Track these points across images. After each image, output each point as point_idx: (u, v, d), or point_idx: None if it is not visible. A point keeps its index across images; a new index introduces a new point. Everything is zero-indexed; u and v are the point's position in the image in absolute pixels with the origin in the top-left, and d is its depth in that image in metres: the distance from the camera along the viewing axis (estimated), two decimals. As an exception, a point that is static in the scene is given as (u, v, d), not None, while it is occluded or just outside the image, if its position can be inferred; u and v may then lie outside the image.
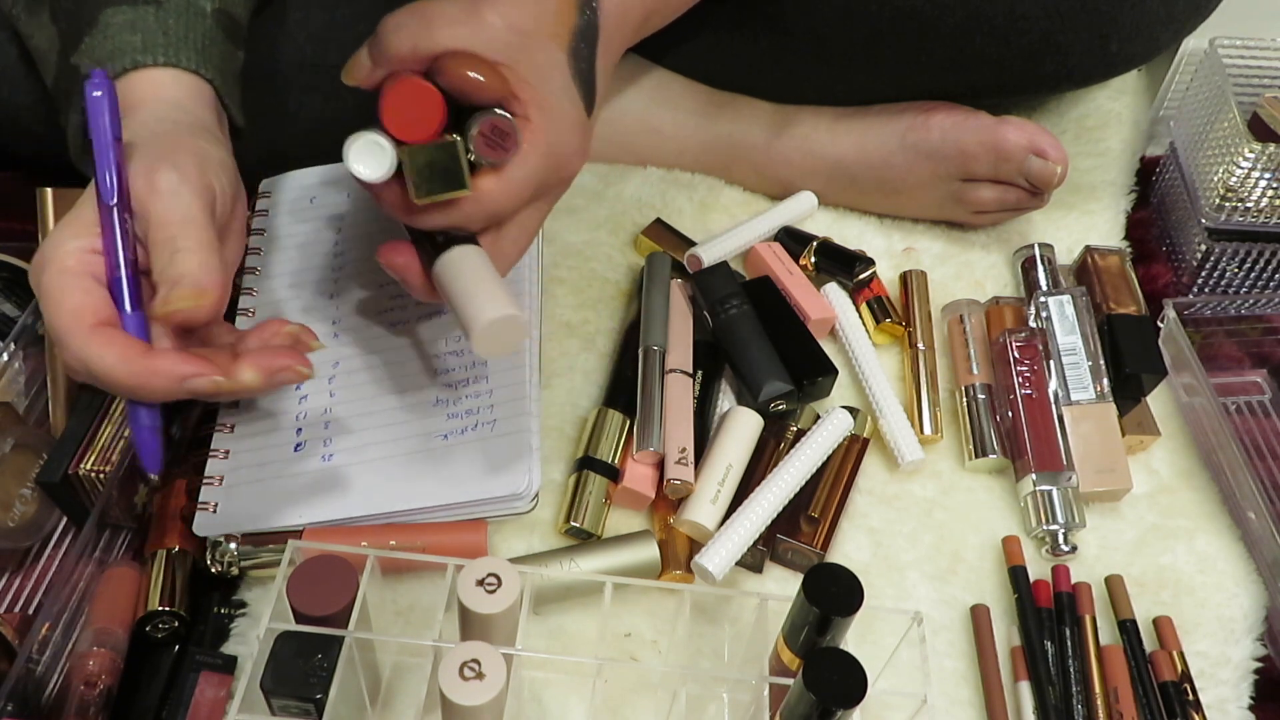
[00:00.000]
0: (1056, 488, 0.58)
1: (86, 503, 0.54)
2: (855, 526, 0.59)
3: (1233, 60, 0.72)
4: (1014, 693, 0.53)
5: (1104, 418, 0.61)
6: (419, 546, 0.53)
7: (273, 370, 0.46)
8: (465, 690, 0.39)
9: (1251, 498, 0.58)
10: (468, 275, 0.48)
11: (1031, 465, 0.59)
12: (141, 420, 0.45)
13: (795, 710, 0.40)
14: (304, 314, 0.62)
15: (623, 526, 0.57)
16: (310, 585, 0.44)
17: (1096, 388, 0.62)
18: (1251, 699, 0.54)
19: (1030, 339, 0.63)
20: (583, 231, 0.71)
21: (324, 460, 0.56)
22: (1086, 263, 0.69)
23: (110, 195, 0.44)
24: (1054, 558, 0.58)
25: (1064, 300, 0.65)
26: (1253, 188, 0.69)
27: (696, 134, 0.73)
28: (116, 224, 0.44)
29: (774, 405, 0.60)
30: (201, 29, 0.52)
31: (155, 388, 0.43)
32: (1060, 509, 0.58)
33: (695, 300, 0.65)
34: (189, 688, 0.50)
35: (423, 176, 0.46)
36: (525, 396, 0.58)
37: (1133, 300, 0.68)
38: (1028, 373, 0.62)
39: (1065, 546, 0.57)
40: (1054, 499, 0.58)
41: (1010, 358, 0.62)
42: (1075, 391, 0.62)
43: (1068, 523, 0.57)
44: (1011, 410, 0.61)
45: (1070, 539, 0.57)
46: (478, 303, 0.46)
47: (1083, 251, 0.70)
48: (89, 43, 0.51)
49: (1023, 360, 0.62)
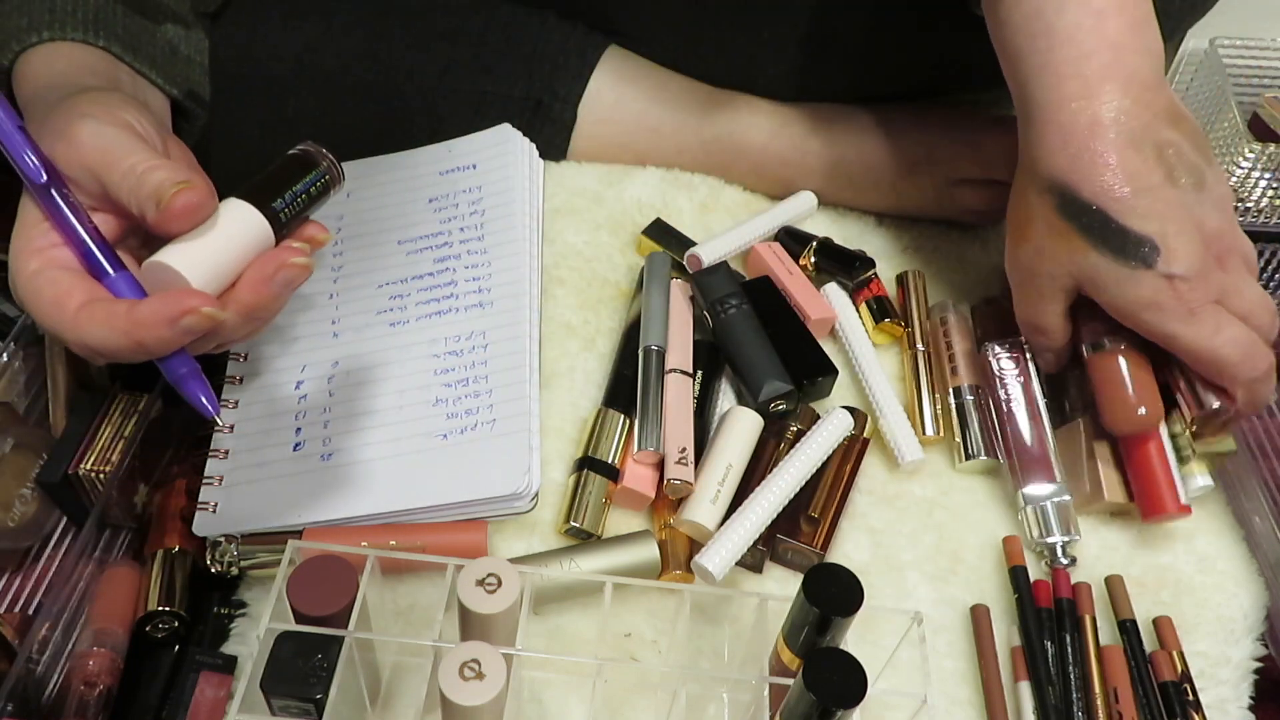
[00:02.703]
0: (1050, 502, 0.58)
1: (86, 503, 0.54)
2: (855, 526, 0.59)
3: (1233, 60, 0.72)
4: (1014, 693, 0.53)
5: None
6: (419, 546, 0.53)
7: (267, 278, 0.43)
8: (465, 690, 0.39)
9: (1256, 498, 0.58)
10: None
11: (1020, 479, 0.59)
12: (175, 370, 0.43)
13: (795, 710, 0.40)
14: (304, 314, 0.62)
15: (623, 526, 0.57)
16: (310, 585, 0.44)
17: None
18: (1251, 699, 0.54)
19: (1014, 349, 0.62)
20: (583, 232, 0.71)
21: (323, 460, 0.56)
22: None
23: (38, 175, 0.43)
24: (1050, 567, 0.57)
25: None
26: (1253, 188, 0.69)
27: (696, 134, 0.73)
28: (59, 200, 0.43)
29: (774, 405, 0.60)
30: (93, 2, 0.52)
31: (152, 339, 0.41)
32: (1056, 522, 0.57)
33: (695, 300, 0.65)
34: (189, 688, 0.50)
35: None
36: (525, 396, 0.58)
37: None
38: (1013, 383, 0.61)
39: (1064, 560, 0.57)
40: (1049, 512, 0.58)
41: (994, 370, 0.62)
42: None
43: (1065, 536, 0.57)
44: (998, 419, 0.61)
45: (1070, 551, 0.57)
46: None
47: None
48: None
49: (1007, 371, 0.62)
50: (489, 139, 0.70)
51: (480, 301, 0.62)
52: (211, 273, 0.43)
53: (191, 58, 0.58)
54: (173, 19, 0.57)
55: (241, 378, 0.60)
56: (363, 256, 0.65)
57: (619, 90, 0.71)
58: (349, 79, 0.68)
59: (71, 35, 0.51)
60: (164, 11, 0.57)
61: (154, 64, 0.54)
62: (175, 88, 0.56)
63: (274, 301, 0.44)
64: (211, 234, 0.43)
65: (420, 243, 0.66)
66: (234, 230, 0.44)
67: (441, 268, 0.64)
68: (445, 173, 0.69)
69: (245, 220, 0.44)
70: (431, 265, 0.64)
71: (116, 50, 0.52)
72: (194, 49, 0.58)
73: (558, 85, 0.70)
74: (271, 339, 0.61)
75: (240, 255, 0.44)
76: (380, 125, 0.70)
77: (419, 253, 0.65)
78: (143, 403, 0.56)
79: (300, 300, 0.63)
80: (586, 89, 0.71)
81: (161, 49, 0.55)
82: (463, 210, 0.67)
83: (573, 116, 0.71)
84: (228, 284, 0.44)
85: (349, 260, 0.65)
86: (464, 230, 0.66)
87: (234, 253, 0.43)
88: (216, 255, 0.43)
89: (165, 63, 0.55)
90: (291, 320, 0.62)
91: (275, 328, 0.61)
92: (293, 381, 0.60)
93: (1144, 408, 0.55)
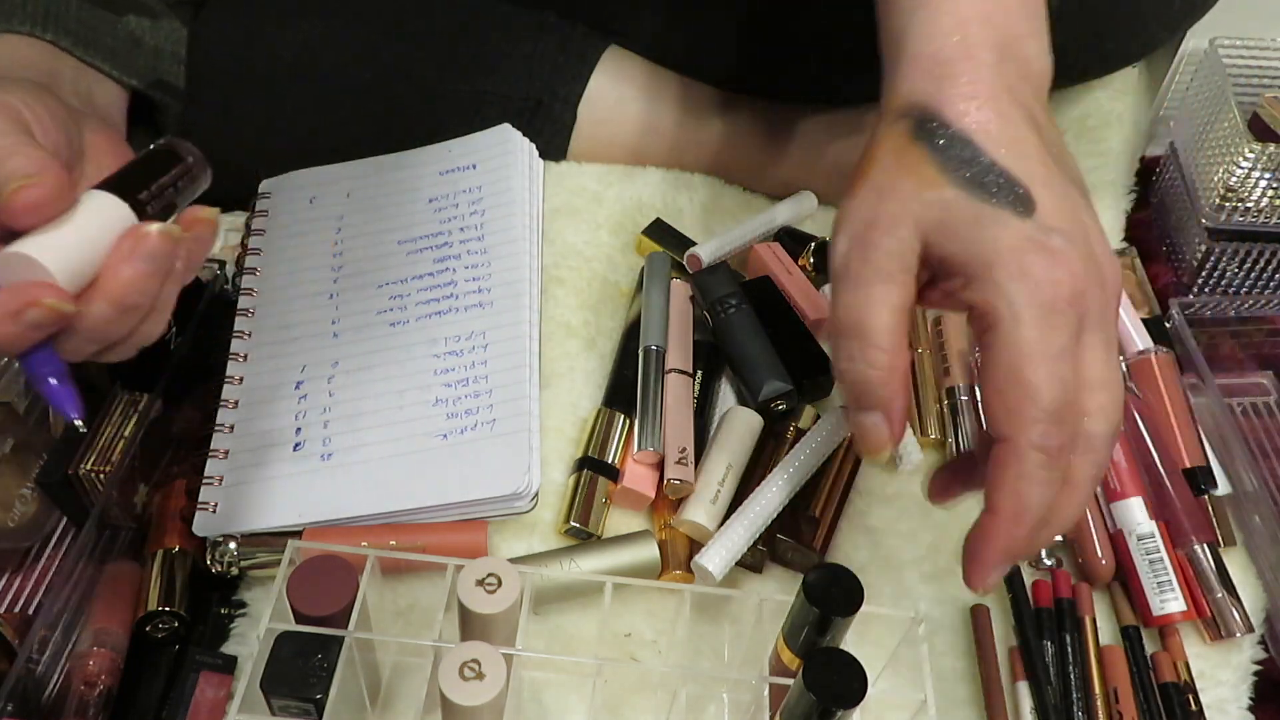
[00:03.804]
0: None
1: (86, 503, 0.54)
2: (854, 526, 0.59)
3: (1233, 60, 0.72)
4: (1013, 693, 0.53)
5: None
6: (419, 546, 0.53)
7: (125, 256, 0.39)
8: (465, 690, 0.39)
9: (1256, 499, 0.58)
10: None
11: None
12: (34, 369, 0.40)
13: (795, 710, 0.40)
14: (304, 314, 0.62)
15: (623, 526, 0.57)
16: (310, 585, 0.44)
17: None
18: (1251, 699, 0.54)
19: None
20: (583, 232, 0.70)
21: (323, 460, 0.56)
22: None
23: None
24: (1035, 571, 0.57)
25: None
26: (1253, 188, 0.69)
27: (696, 134, 0.73)
28: None
29: (774, 405, 0.60)
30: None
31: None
32: None
33: (695, 300, 0.65)
34: (189, 688, 0.50)
35: None
36: (525, 396, 0.58)
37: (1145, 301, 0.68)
38: None
39: (1048, 561, 0.57)
40: None
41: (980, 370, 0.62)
42: None
43: None
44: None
45: (1054, 553, 0.57)
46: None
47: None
48: None
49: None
50: (489, 139, 0.70)
51: (480, 301, 0.62)
52: (74, 264, 0.39)
53: (161, 48, 0.58)
54: (137, 10, 0.57)
55: (242, 378, 0.60)
56: (363, 256, 0.65)
57: (619, 90, 0.71)
58: (348, 78, 0.68)
59: (19, 29, 0.51)
60: (128, 3, 0.57)
61: (110, 55, 0.54)
62: (136, 78, 0.56)
63: (143, 283, 0.40)
64: (73, 224, 0.39)
65: (420, 243, 0.66)
66: (99, 221, 0.40)
67: (441, 268, 0.64)
68: (445, 173, 0.69)
69: (109, 211, 0.40)
70: (431, 265, 0.64)
71: (66, 43, 0.52)
72: (164, 39, 0.58)
73: (557, 85, 0.70)
74: (271, 339, 0.61)
75: (106, 247, 0.40)
76: (380, 125, 0.70)
77: (419, 253, 0.65)
78: (143, 403, 0.56)
79: (300, 300, 0.63)
80: (586, 89, 0.71)
81: (122, 40, 0.55)
82: (463, 210, 0.67)
83: (572, 117, 0.71)
84: (94, 276, 0.40)
85: (349, 260, 0.65)
86: (464, 230, 0.66)
87: (99, 244, 0.40)
88: (80, 246, 0.39)
89: (125, 54, 0.55)
90: (291, 320, 0.62)
91: (275, 328, 0.61)
92: (293, 381, 0.60)
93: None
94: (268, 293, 0.64)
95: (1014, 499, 0.39)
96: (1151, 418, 0.60)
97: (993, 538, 0.40)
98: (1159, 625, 0.55)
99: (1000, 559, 0.40)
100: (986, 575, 0.41)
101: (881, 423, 0.42)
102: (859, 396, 0.42)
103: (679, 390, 0.60)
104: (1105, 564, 0.56)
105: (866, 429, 0.42)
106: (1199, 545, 0.56)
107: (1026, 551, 0.42)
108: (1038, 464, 0.39)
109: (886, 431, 0.42)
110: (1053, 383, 0.38)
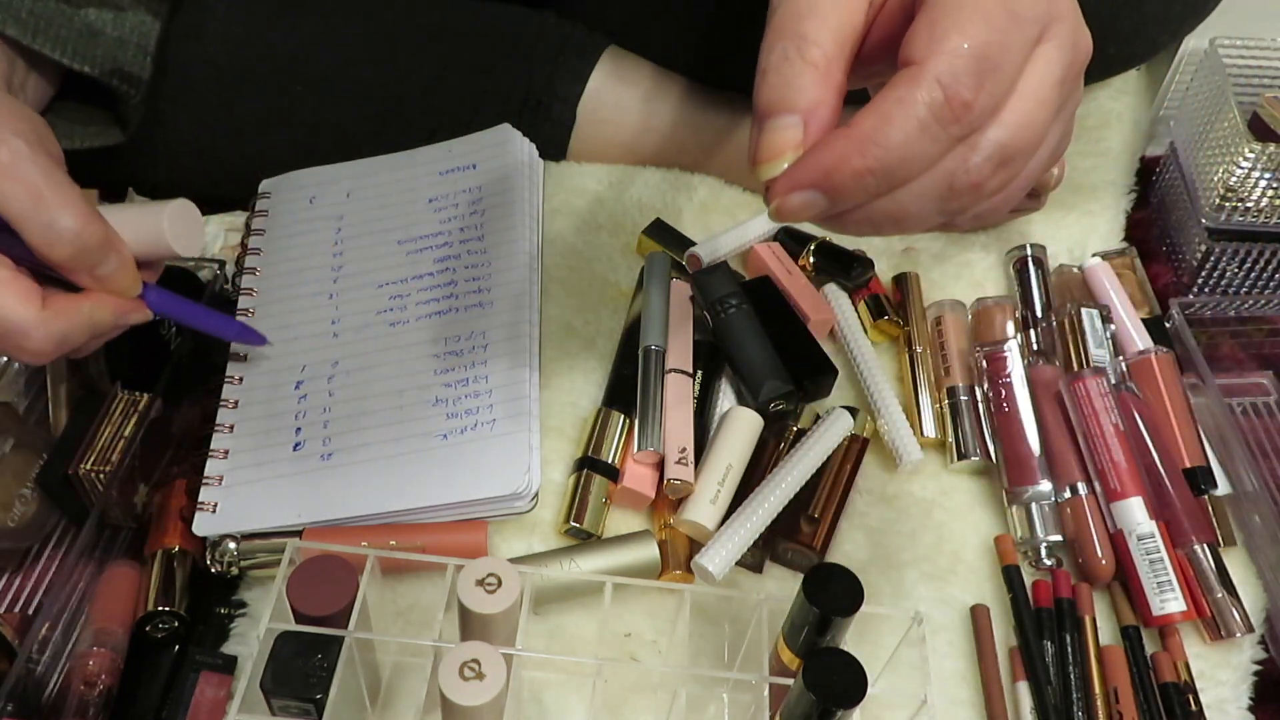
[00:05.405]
0: (1036, 503, 0.58)
1: (86, 503, 0.54)
2: (854, 526, 0.59)
3: (1233, 60, 0.72)
4: (1013, 693, 0.53)
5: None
6: (419, 546, 0.53)
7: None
8: (465, 690, 0.39)
9: (1256, 499, 0.58)
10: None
11: (1007, 480, 0.59)
12: (156, 305, 0.49)
13: (795, 710, 0.40)
14: (304, 314, 0.62)
15: (623, 526, 0.57)
16: (310, 585, 0.44)
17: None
18: (1251, 700, 0.54)
19: (996, 351, 0.62)
20: (583, 232, 0.70)
21: (323, 460, 0.56)
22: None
23: None
24: (1035, 571, 0.57)
25: (1094, 314, 0.65)
26: (1253, 188, 0.69)
27: (697, 134, 0.73)
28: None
29: (774, 405, 0.60)
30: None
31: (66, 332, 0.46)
32: (1041, 524, 0.57)
33: (695, 300, 0.65)
34: (189, 688, 0.50)
35: None
36: (525, 397, 0.58)
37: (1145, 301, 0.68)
38: (999, 385, 0.62)
39: (1048, 561, 0.57)
40: (1032, 513, 0.58)
41: (983, 371, 0.62)
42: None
43: (1049, 537, 0.57)
44: (988, 419, 0.61)
45: (1054, 553, 0.57)
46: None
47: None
48: None
49: (991, 373, 0.62)
50: (489, 139, 0.70)
51: (480, 301, 0.62)
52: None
53: (124, 39, 0.59)
54: (99, 4, 0.58)
55: (241, 378, 0.60)
56: (363, 256, 0.65)
57: (619, 90, 0.71)
58: (347, 78, 0.68)
59: None
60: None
61: (60, 44, 0.56)
62: (91, 66, 0.57)
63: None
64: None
65: (420, 243, 0.66)
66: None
67: (441, 268, 0.64)
68: (445, 173, 0.69)
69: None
70: (431, 265, 0.64)
71: (12, 32, 0.54)
72: (129, 30, 0.60)
73: (558, 85, 0.70)
74: (271, 339, 0.61)
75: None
76: (379, 125, 0.70)
77: (419, 253, 0.65)
78: (143, 403, 0.56)
79: (300, 300, 0.63)
80: (586, 89, 0.71)
81: (77, 30, 0.57)
82: (463, 210, 0.67)
83: (572, 116, 0.71)
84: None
85: (349, 260, 0.65)
86: (464, 230, 0.66)
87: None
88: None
89: (79, 43, 0.57)
90: (291, 320, 0.62)
91: (275, 328, 0.61)
92: (293, 381, 0.60)
93: None
94: (268, 293, 0.64)
95: (877, 120, 0.34)
96: (1151, 418, 0.60)
97: (823, 149, 0.34)
98: (1159, 625, 0.55)
99: (815, 178, 0.34)
100: (789, 191, 0.35)
101: (796, 126, 0.35)
102: (780, 97, 0.36)
103: (679, 390, 0.60)
104: (1105, 564, 0.56)
105: (775, 129, 0.36)
106: (1199, 545, 0.56)
107: (846, 192, 0.35)
108: (929, 101, 0.33)
109: (799, 136, 0.35)
110: (992, 36, 0.34)
